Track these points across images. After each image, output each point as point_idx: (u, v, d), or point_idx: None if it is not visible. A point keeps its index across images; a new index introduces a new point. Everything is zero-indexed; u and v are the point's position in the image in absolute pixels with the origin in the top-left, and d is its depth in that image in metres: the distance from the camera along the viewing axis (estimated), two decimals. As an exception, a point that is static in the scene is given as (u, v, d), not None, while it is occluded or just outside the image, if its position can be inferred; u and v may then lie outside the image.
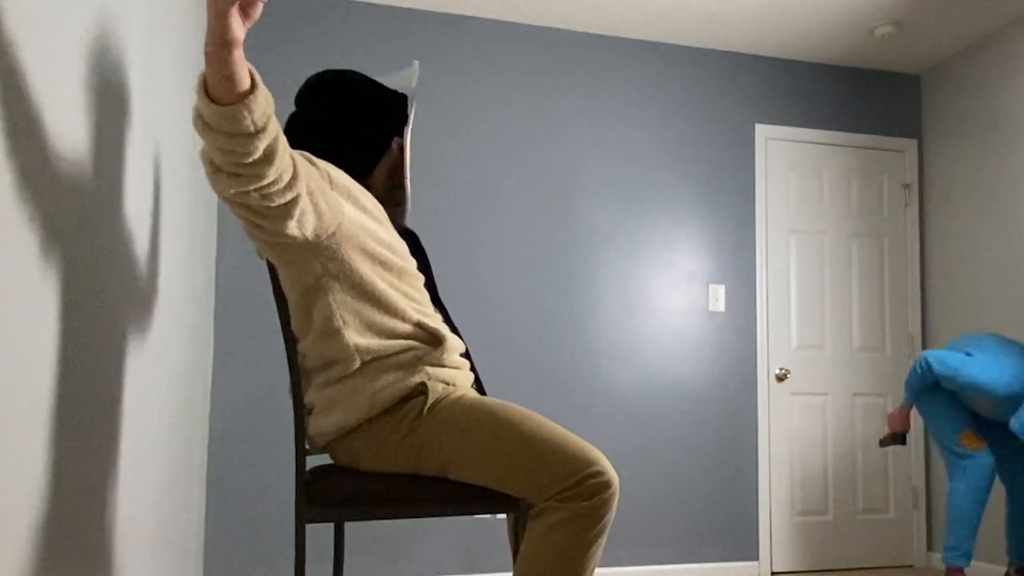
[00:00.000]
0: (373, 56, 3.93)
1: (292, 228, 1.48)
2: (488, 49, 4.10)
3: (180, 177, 2.44)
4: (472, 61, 4.07)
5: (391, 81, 1.90)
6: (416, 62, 1.92)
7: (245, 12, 1.25)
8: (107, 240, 1.55)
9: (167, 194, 2.22)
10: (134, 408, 1.83)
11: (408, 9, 4.00)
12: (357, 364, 1.61)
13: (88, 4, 1.40)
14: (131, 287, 1.77)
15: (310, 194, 1.49)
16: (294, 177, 1.43)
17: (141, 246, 1.87)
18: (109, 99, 1.56)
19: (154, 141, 2.02)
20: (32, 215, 1.12)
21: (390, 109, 1.83)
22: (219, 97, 1.27)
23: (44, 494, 1.21)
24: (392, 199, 1.89)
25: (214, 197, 3.48)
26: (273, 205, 1.42)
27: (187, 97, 2.55)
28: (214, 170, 1.35)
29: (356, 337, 1.61)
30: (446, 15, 4.05)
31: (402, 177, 1.85)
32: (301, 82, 3.83)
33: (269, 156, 1.34)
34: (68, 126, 1.29)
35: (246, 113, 1.27)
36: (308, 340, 1.64)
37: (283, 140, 1.38)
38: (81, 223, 1.37)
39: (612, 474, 1.55)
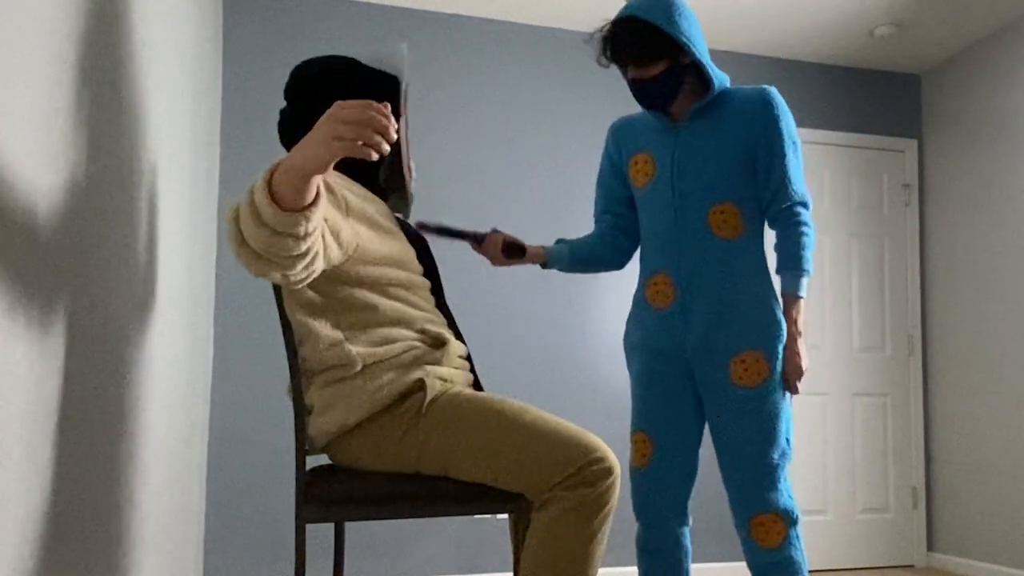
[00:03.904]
0: (373, 56, 3.93)
1: (302, 283, 1.51)
2: (487, 49, 4.09)
3: (180, 177, 2.44)
4: (471, 61, 4.06)
5: (378, 64, 1.80)
6: (404, 45, 1.80)
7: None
8: (107, 241, 1.55)
9: (166, 194, 2.22)
10: (134, 408, 1.83)
11: (408, 9, 4.00)
12: (359, 367, 1.61)
13: (90, 4, 1.40)
14: (131, 287, 1.77)
15: (323, 247, 1.50)
16: (315, 257, 1.44)
17: (141, 247, 1.87)
18: (107, 99, 1.56)
19: (154, 140, 2.02)
20: (32, 216, 1.12)
21: (383, 98, 1.76)
22: (283, 201, 1.28)
23: (44, 494, 1.21)
24: (392, 185, 1.82)
25: (214, 197, 3.47)
26: (290, 280, 1.45)
27: (186, 96, 2.55)
28: (241, 243, 1.35)
29: (358, 346, 1.62)
30: (446, 15, 4.05)
31: (399, 164, 1.79)
32: (301, 82, 3.84)
33: (305, 254, 1.37)
34: (67, 127, 1.29)
35: (303, 222, 1.30)
36: (309, 345, 1.64)
37: (320, 230, 1.38)
38: (81, 224, 1.37)
39: (613, 460, 1.56)
